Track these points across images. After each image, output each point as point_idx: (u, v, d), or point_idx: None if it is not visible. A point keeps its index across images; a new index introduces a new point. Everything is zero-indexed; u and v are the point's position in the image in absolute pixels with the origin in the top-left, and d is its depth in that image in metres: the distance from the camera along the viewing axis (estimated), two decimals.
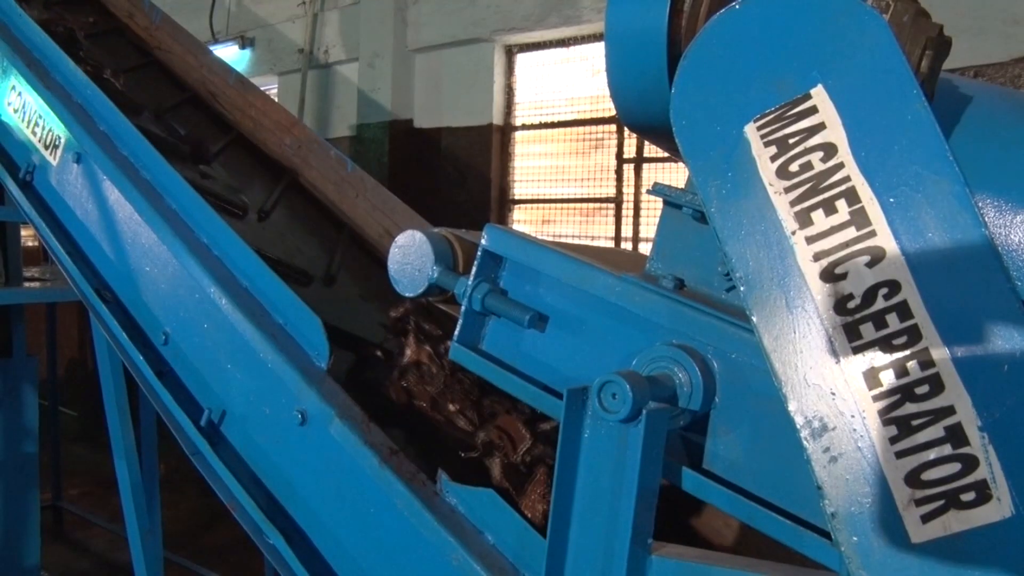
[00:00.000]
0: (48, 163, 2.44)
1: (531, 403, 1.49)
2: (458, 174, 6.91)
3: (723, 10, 1.26)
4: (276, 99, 3.52)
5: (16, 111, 2.56)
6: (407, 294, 1.60)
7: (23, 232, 5.84)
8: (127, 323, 2.12)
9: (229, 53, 8.63)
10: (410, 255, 1.58)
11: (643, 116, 1.49)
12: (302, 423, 1.66)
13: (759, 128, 1.21)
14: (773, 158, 1.19)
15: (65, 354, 8.97)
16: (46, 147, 2.44)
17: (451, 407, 1.80)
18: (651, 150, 6.20)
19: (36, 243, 9.25)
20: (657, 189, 1.44)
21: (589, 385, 1.24)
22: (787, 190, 1.17)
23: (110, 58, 3.30)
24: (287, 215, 2.81)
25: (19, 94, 2.54)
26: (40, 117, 2.45)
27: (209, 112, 3.29)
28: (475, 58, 6.93)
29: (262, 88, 3.47)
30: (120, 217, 2.14)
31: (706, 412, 1.35)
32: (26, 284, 5.77)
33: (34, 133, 2.49)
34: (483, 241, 1.51)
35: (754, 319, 1.16)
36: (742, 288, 1.18)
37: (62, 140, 2.37)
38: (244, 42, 8.85)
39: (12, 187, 2.52)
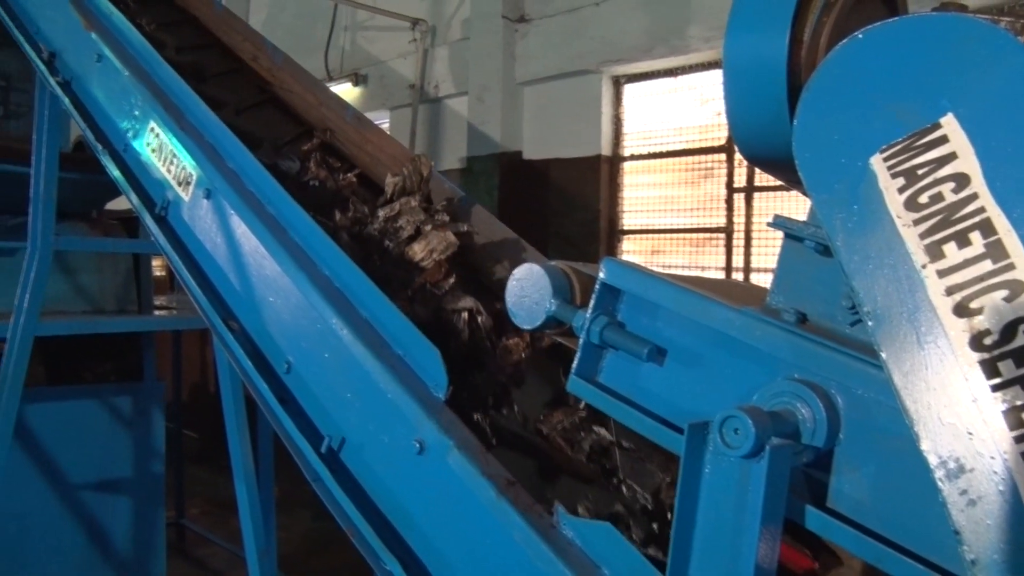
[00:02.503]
0: (181, 199, 2.57)
1: (649, 436, 1.49)
2: (567, 205, 6.95)
3: (845, 40, 1.24)
4: (388, 133, 3.63)
5: (154, 151, 2.72)
6: (525, 327, 1.62)
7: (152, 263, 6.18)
8: (252, 352, 2.20)
9: (343, 90, 8.95)
10: (528, 288, 1.60)
11: (763, 149, 1.48)
12: (420, 452, 1.69)
13: (886, 159, 1.18)
14: (901, 190, 1.16)
15: (188, 379, 9.36)
16: (179, 184, 2.58)
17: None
18: (762, 178, 6.11)
19: (164, 273, 9.73)
20: (778, 222, 1.42)
21: (710, 420, 1.23)
22: (916, 222, 1.13)
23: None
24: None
25: (157, 135, 2.69)
26: (175, 156, 2.59)
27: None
28: (583, 90, 6.98)
29: (375, 123, 3.58)
30: (246, 250, 2.24)
31: (830, 449, 1.32)
32: (156, 312, 6.08)
33: (169, 171, 2.63)
34: (601, 274, 1.52)
35: (883, 355, 1.13)
36: (870, 323, 1.15)
37: (194, 177, 2.50)
38: (357, 79, 9.16)
39: (149, 221, 2.66)
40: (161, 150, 2.66)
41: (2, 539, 4.63)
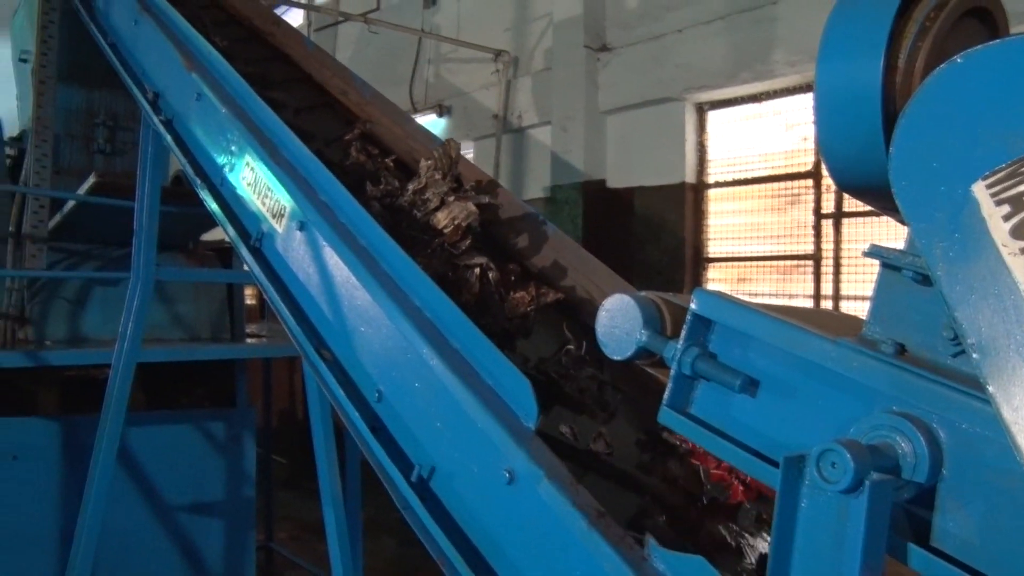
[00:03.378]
0: (275, 231, 2.65)
1: (742, 469, 1.47)
2: (651, 233, 6.92)
3: (944, 65, 1.22)
4: (473, 164, 3.70)
5: (249, 184, 2.81)
6: (615, 357, 1.62)
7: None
8: (344, 381, 2.25)
9: (428, 121, 9.12)
10: (618, 319, 1.60)
11: (857, 177, 1.45)
12: (510, 482, 1.70)
13: (989, 187, 1.15)
14: (1006, 217, 1.12)
15: (277, 405, 9.58)
16: (273, 216, 2.66)
17: None
18: (851, 204, 5.98)
19: (254, 301, 10.01)
20: (873, 251, 1.39)
21: (806, 453, 1.20)
22: None
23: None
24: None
25: (252, 169, 2.79)
26: (269, 189, 2.68)
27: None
28: (666, 117, 6.97)
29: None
30: (338, 280, 2.29)
31: (933, 485, 1.28)
32: (248, 340, 6.26)
33: (263, 203, 2.72)
34: (692, 305, 1.51)
35: (990, 388, 1.09)
36: (975, 355, 1.11)
37: (287, 210, 2.57)
38: (442, 110, 9.33)
39: (244, 253, 2.75)
40: (256, 184, 2.75)
41: (105, 555, 4.79)
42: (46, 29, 5.13)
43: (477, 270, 2.58)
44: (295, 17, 12.39)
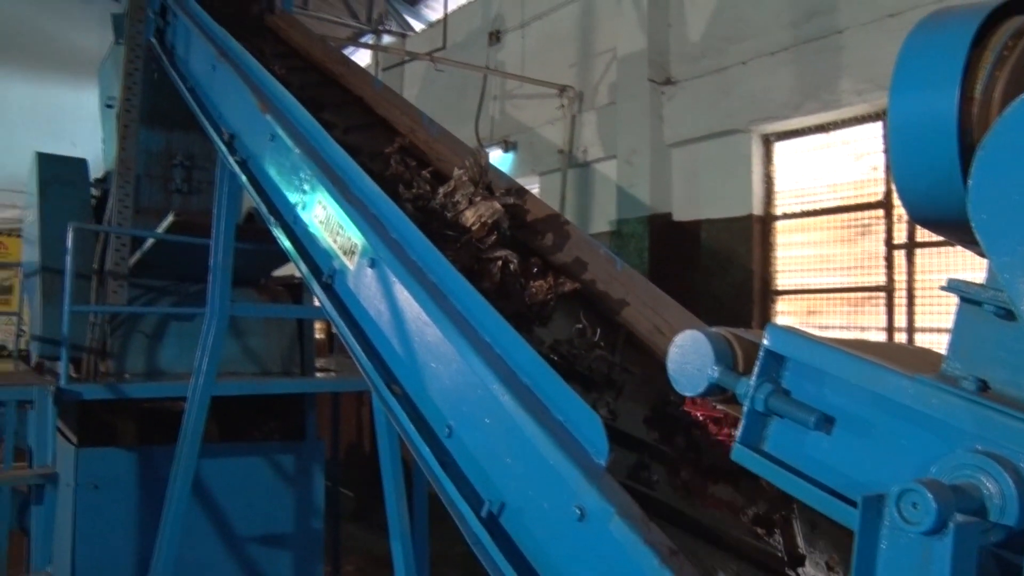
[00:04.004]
0: (346, 267, 2.70)
1: (819, 508, 1.43)
2: (718, 266, 6.85)
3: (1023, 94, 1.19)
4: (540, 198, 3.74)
5: (321, 222, 2.88)
6: (687, 393, 1.61)
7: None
8: (414, 415, 2.26)
9: (494, 157, 9.21)
10: (689, 355, 1.59)
11: (934, 210, 1.43)
12: (581, 519, 1.69)
13: None
14: None
15: (345, 438, 9.68)
16: (345, 253, 2.72)
17: None
18: (924, 234, 5.84)
19: (323, 336, 10.18)
20: (953, 286, 1.36)
21: (886, 493, 1.17)
22: None
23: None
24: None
25: (324, 207, 2.85)
26: (340, 227, 2.74)
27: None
28: (732, 149, 6.92)
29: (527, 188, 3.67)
30: (409, 316, 2.32)
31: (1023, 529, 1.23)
32: (317, 374, 6.35)
33: (335, 241, 2.78)
34: (765, 341, 1.50)
35: None
36: None
37: (359, 247, 2.62)
38: (507, 146, 9.41)
39: (317, 289, 2.81)
40: (328, 222, 2.81)
41: None
42: (131, 76, 5.35)
43: (500, 262, 2.84)
44: (363, 57, 12.68)
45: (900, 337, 5.90)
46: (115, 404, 5.36)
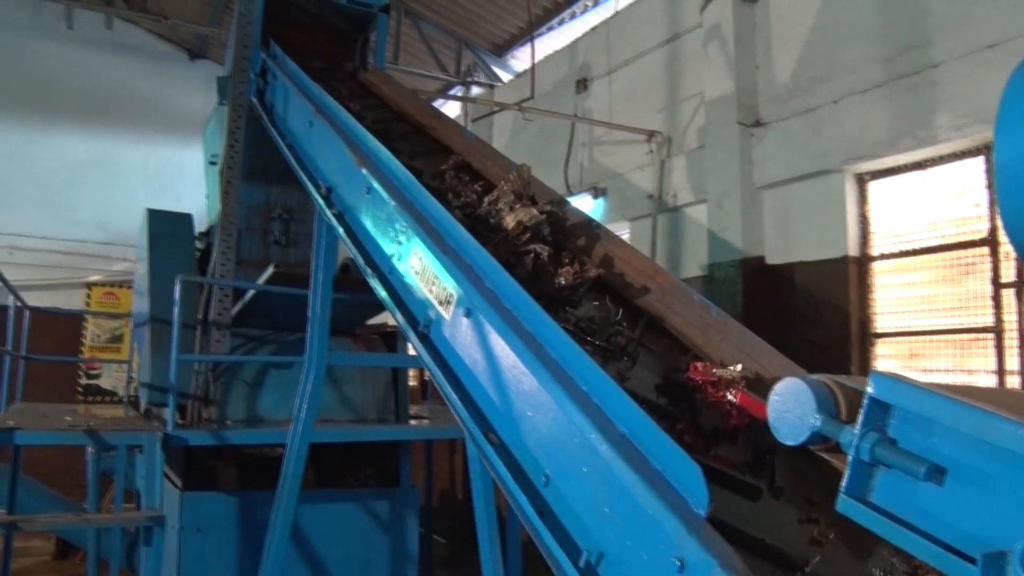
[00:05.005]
0: (442, 317, 2.74)
1: (933, 563, 1.38)
2: (814, 310, 6.69)
3: None
4: (631, 244, 3.74)
5: (416, 272, 2.93)
6: (788, 442, 1.58)
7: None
8: (511, 464, 2.27)
9: (584, 203, 9.24)
10: (790, 403, 1.57)
11: None
12: (681, 570, 1.66)
13: None
14: None
15: (438, 485, 9.73)
16: (440, 303, 2.76)
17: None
18: None
19: (416, 383, 10.30)
20: None
21: (1008, 550, 1.13)
22: None
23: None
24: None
25: (419, 258, 2.91)
26: (436, 277, 2.78)
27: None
28: (825, 189, 6.80)
29: (617, 235, 3.68)
30: (505, 365, 2.34)
31: None
32: (411, 421, 6.43)
33: (430, 291, 2.83)
34: (869, 389, 1.46)
35: None
36: None
37: (454, 297, 2.66)
38: (597, 192, 9.44)
39: (414, 339, 2.86)
40: (423, 272, 2.87)
41: None
42: (233, 135, 5.60)
43: (532, 255, 3.23)
44: (453, 109, 12.96)
45: (1012, 381, 5.64)
46: (217, 449, 5.53)
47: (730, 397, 2.61)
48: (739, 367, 2.67)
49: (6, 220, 13.45)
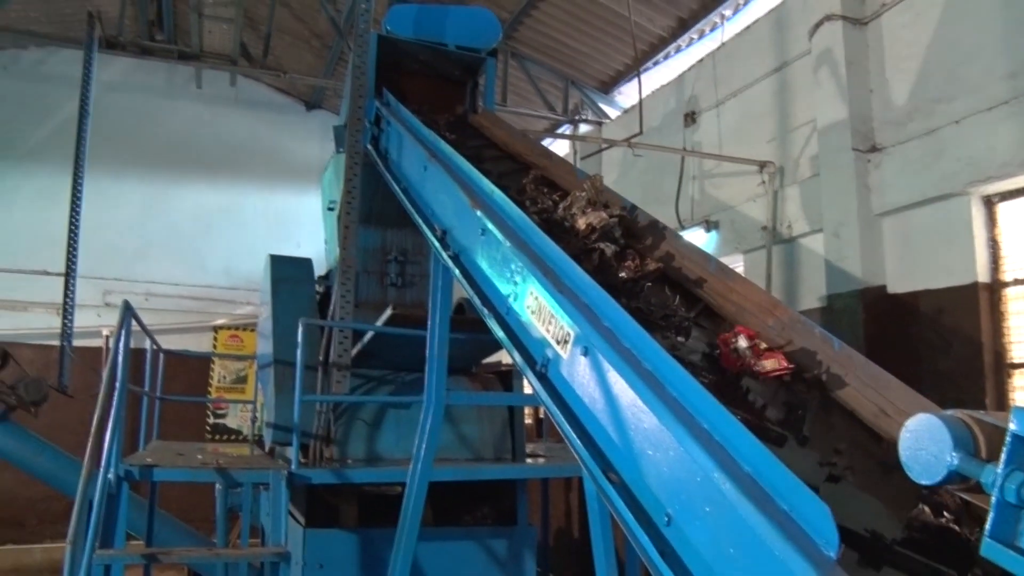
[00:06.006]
0: (559, 356, 2.75)
1: None
2: (942, 340, 6.40)
3: None
4: (749, 280, 3.66)
5: (533, 312, 2.96)
6: (923, 482, 1.52)
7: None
8: (631, 503, 2.25)
9: (696, 237, 9.14)
10: (924, 441, 1.51)
11: None
12: None
13: None
14: None
15: (554, 524, 9.68)
16: (557, 342, 2.77)
17: None
18: None
19: (530, 421, 10.32)
20: None
21: None
22: None
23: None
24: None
25: (536, 298, 2.93)
26: (553, 316, 2.80)
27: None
28: (949, 214, 6.53)
29: (736, 271, 3.62)
30: (624, 404, 2.32)
31: None
32: (527, 460, 6.44)
33: (547, 330, 2.84)
34: (1012, 425, 1.40)
35: None
36: None
37: (571, 335, 2.67)
38: (709, 225, 9.32)
39: (532, 378, 2.88)
40: (540, 311, 2.89)
41: None
42: (350, 181, 5.80)
43: (598, 253, 3.56)
44: (561, 147, 13.07)
45: None
46: (338, 487, 5.66)
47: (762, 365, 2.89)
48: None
49: (143, 269, 14.28)
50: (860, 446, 2.67)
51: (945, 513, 2.21)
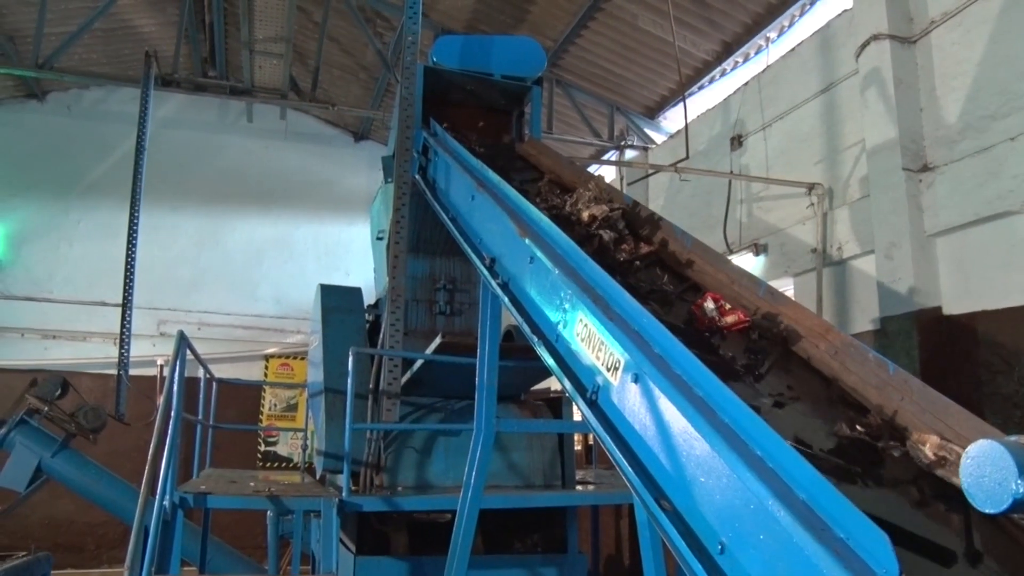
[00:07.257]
0: (609, 383, 2.74)
1: None
2: (1003, 362, 6.24)
3: None
4: (801, 304, 3.62)
5: (583, 340, 2.96)
6: (987, 510, 1.49)
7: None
8: (684, 531, 2.23)
9: (745, 261, 9.06)
10: (986, 467, 1.48)
11: None
12: None
13: None
14: None
15: (604, 551, 9.59)
16: (608, 369, 2.76)
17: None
18: None
19: (579, 448, 10.26)
20: None
21: None
22: None
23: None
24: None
25: (585, 325, 2.93)
26: (603, 343, 2.79)
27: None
28: (1007, 232, 6.39)
29: (785, 294, 3.58)
30: (675, 431, 2.31)
31: None
32: (577, 487, 6.40)
33: (598, 357, 2.84)
34: None
35: None
36: None
37: (622, 363, 2.66)
38: (757, 249, 9.24)
39: (583, 405, 2.87)
40: (590, 339, 2.89)
41: None
42: (399, 211, 5.87)
43: (599, 237, 3.98)
44: (608, 173, 13.08)
45: None
46: (388, 515, 5.68)
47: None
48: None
49: (197, 299, 14.57)
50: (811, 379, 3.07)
51: (858, 427, 2.70)
